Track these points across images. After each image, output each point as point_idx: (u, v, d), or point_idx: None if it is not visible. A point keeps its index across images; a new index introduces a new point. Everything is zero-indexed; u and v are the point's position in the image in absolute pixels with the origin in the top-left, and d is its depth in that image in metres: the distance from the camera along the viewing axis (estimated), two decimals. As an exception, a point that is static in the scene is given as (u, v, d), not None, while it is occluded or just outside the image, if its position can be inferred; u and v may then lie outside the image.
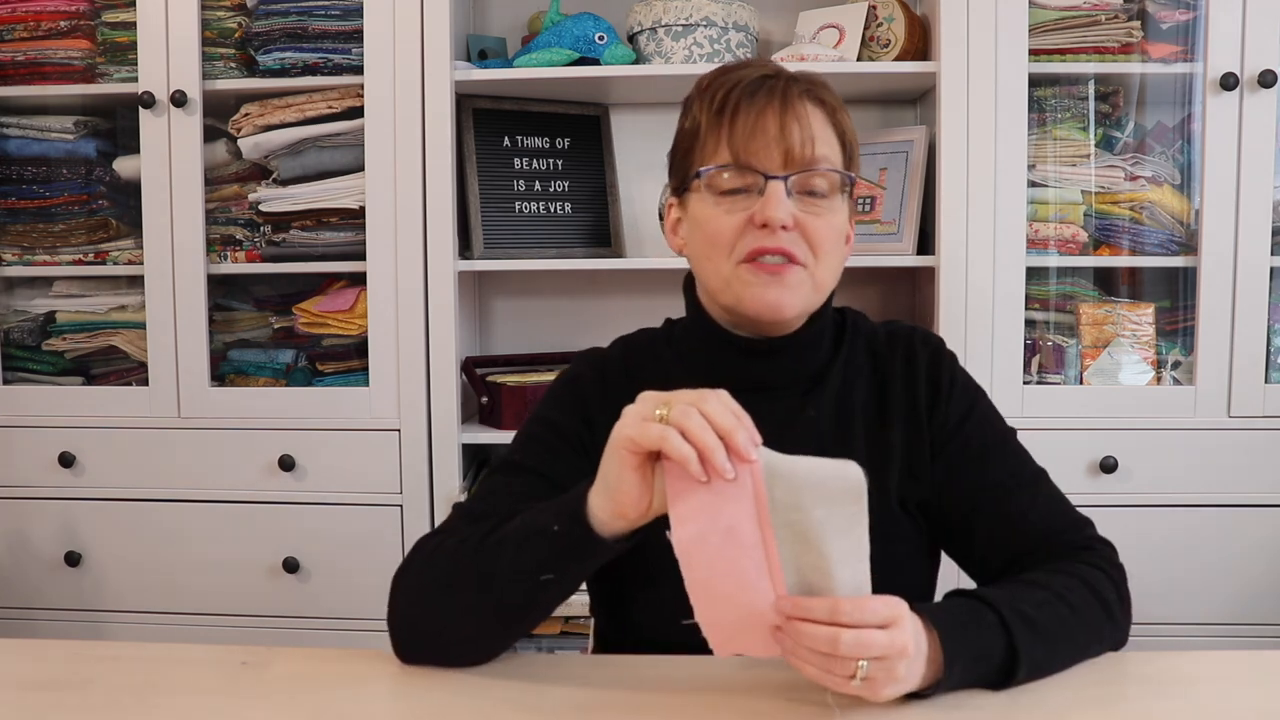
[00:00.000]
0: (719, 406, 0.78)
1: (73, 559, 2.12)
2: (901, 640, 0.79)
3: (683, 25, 2.06)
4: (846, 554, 0.79)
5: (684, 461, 0.77)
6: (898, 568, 1.05)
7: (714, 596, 0.80)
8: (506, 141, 2.22)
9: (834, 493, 0.78)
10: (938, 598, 1.20)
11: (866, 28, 2.10)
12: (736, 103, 1.01)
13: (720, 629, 0.81)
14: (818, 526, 0.78)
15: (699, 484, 0.78)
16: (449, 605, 0.93)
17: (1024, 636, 0.87)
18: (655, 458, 0.81)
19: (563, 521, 0.87)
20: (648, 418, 0.80)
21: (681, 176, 1.07)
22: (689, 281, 1.11)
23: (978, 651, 0.86)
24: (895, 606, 0.80)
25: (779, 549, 0.79)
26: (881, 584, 1.01)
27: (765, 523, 0.79)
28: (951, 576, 1.12)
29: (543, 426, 1.08)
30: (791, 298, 1.00)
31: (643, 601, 1.06)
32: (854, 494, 0.78)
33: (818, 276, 1.02)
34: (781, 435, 0.83)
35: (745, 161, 1.00)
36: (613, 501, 0.83)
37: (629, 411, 0.82)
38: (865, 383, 1.10)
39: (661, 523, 0.81)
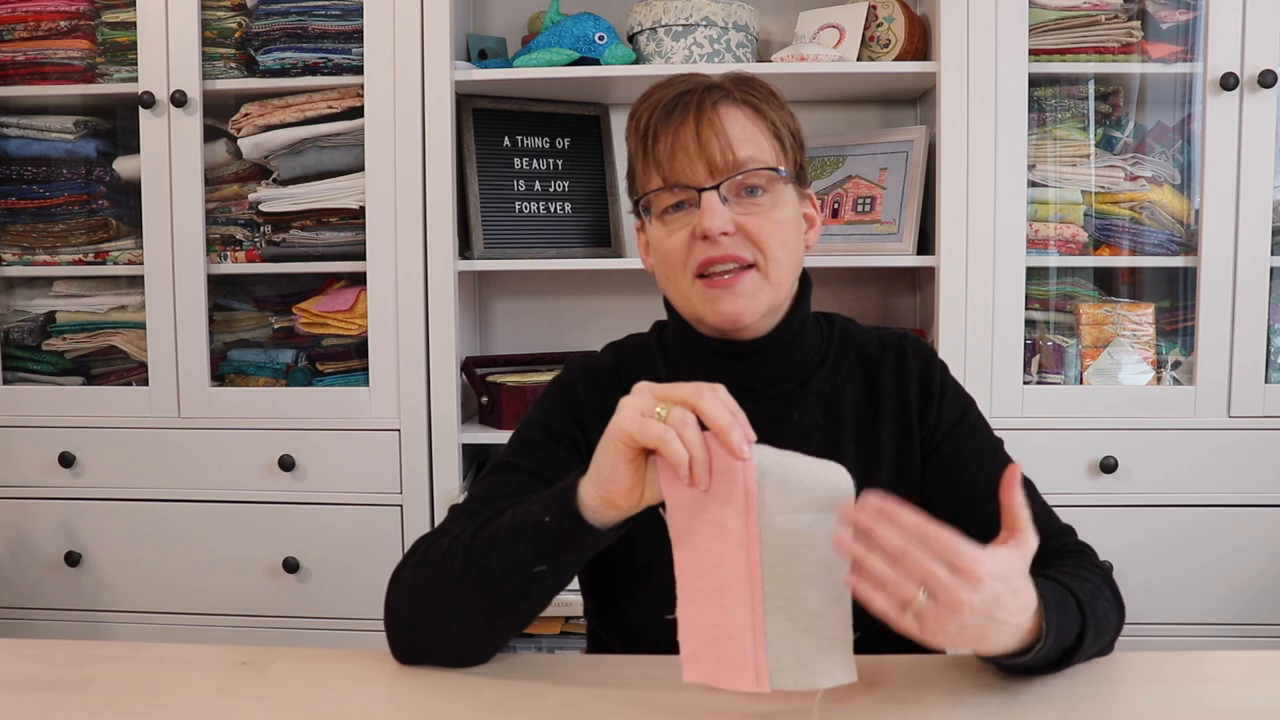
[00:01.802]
0: (716, 403, 0.80)
1: (73, 559, 2.12)
2: (967, 597, 0.74)
3: (683, 25, 2.06)
4: (830, 562, 0.79)
5: (677, 465, 0.79)
6: None
7: (694, 589, 0.81)
8: (506, 141, 2.22)
9: (822, 499, 0.79)
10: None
11: (866, 28, 2.10)
12: (655, 127, 1.04)
13: (693, 632, 0.81)
14: (804, 530, 0.79)
15: (686, 485, 0.80)
16: (443, 602, 0.93)
17: (1091, 624, 0.88)
18: (649, 452, 0.82)
19: (554, 512, 0.88)
20: (648, 414, 0.81)
21: (635, 205, 1.10)
22: None
23: (1062, 633, 0.86)
24: (991, 567, 0.75)
25: (762, 552, 0.80)
26: None
27: (752, 522, 0.79)
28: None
29: (537, 428, 1.10)
30: (749, 304, 1.02)
31: (635, 599, 1.07)
32: (842, 501, 0.79)
33: (772, 275, 1.03)
34: (769, 438, 0.84)
35: (674, 180, 1.03)
36: (604, 492, 0.85)
37: (627, 404, 0.83)
38: (856, 386, 1.11)
39: (651, 517, 0.83)
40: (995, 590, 0.76)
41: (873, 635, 0.87)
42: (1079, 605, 0.88)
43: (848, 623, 0.80)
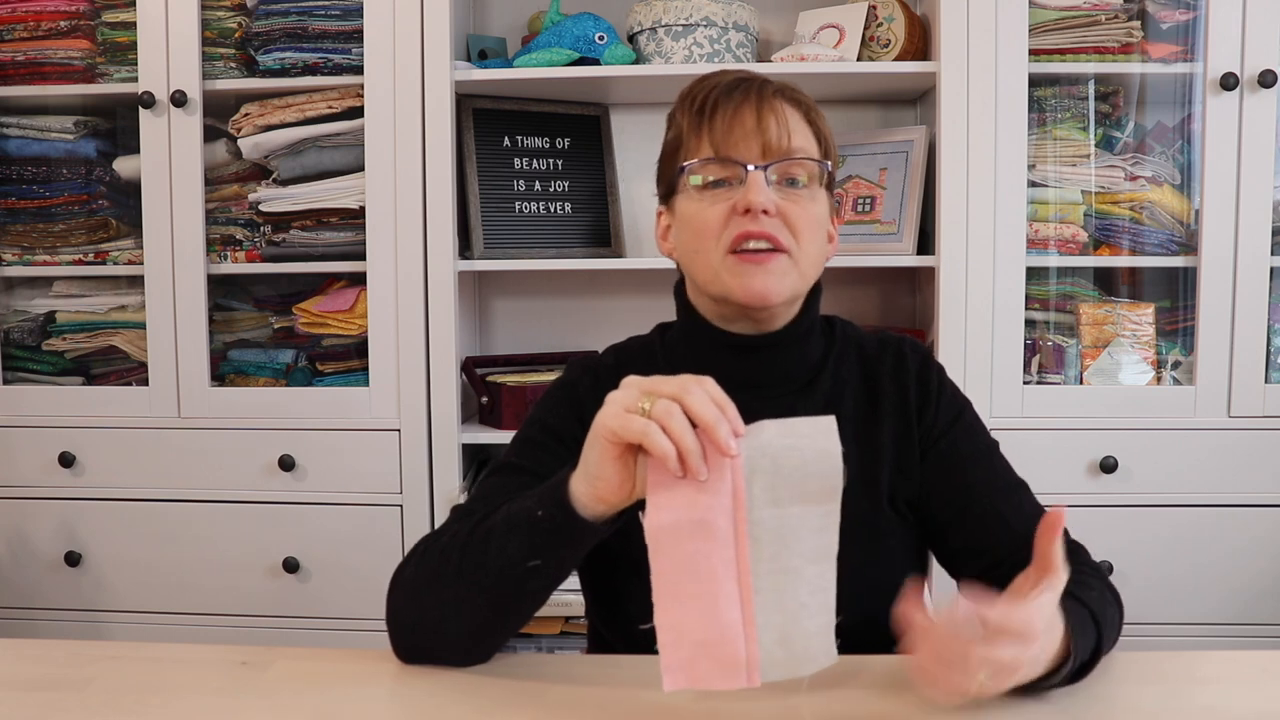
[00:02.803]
0: (703, 398, 0.79)
1: (73, 559, 2.12)
2: (1024, 657, 0.77)
3: (683, 25, 2.06)
4: (817, 554, 0.79)
5: (663, 458, 0.78)
6: (888, 563, 1.07)
7: (678, 595, 0.79)
8: (506, 141, 2.22)
9: (811, 491, 0.78)
10: (929, 597, 1.20)
11: (866, 28, 2.10)
12: (715, 102, 1.06)
13: (677, 641, 0.79)
14: (792, 523, 0.79)
15: (677, 477, 0.79)
16: (441, 600, 0.93)
17: (1106, 637, 0.89)
18: (637, 447, 0.82)
19: (546, 507, 0.88)
20: (631, 409, 0.80)
21: (669, 181, 1.11)
22: (679, 285, 1.14)
23: (1082, 650, 0.86)
24: (1040, 623, 0.78)
25: (751, 547, 0.79)
26: (872, 579, 1.01)
27: (740, 518, 0.79)
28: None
29: (539, 429, 1.10)
30: (778, 284, 1.03)
31: (634, 595, 1.07)
32: (830, 492, 0.78)
33: (801, 264, 1.05)
34: None
35: (725, 154, 1.04)
36: (593, 488, 0.85)
37: (613, 399, 0.83)
38: (856, 385, 1.12)
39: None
40: (1043, 639, 0.78)
41: (858, 630, 0.87)
42: (1093, 619, 0.88)
43: (831, 607, 0.80)
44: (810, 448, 0.79)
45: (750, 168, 1.02)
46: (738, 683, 0.78)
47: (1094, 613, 0.89)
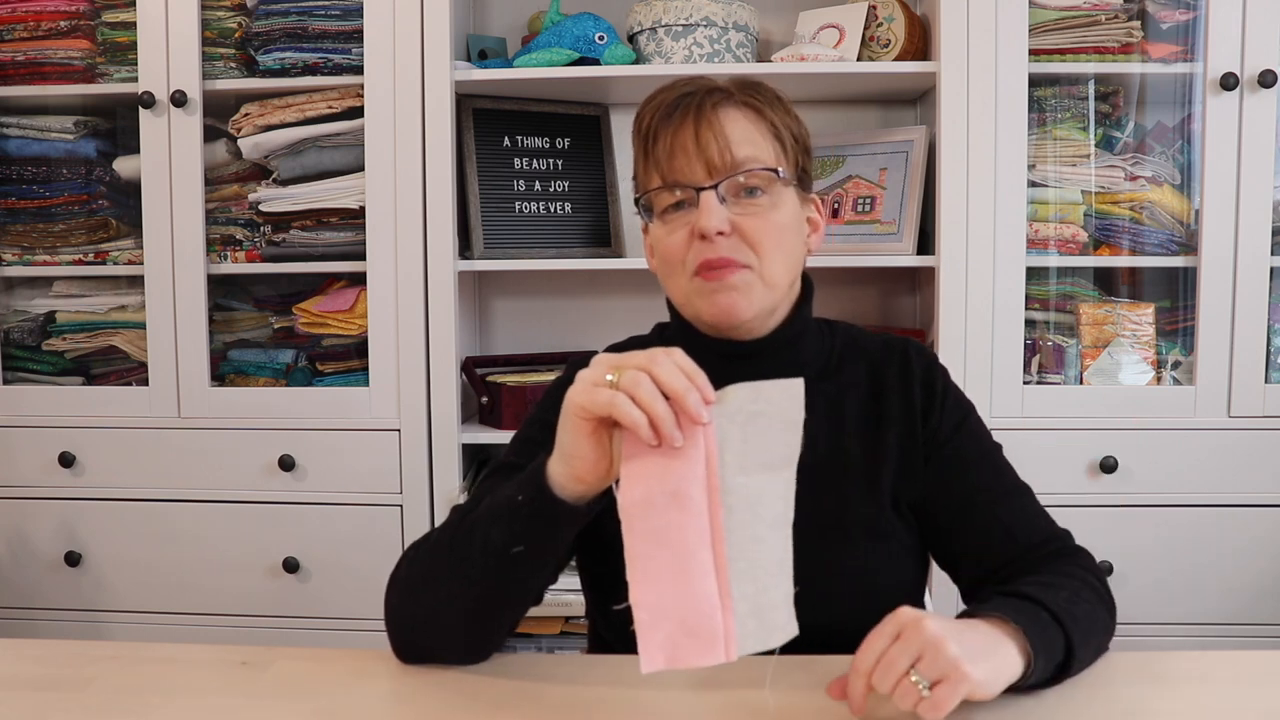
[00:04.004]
0: (671, 368, 0.79)
1: (73, 559, 2.12)
2: (928, 632, 0.78)
3: (683, 25, 2.06)
4: (778, 521, 0.80)
5: (635, 428, 0.78)
6: (890, 564, 1.07)
7: (652, 571, 0.78)
8: (506, 141, 2.22)
9: (775, 458, 0.79)
10: (929, 597, 1.20)
11: (866, 28, 2.10)
12: (656, 128, 1.05)
13: (653, 621, 0.78)
14: (760, 490, 0.79)
15: (652, 447, 0.79)
16: (436, 597, 0.94)
17: (1075, 633, 0.89)
18: (610, 423, 0.82)
19: (527, 492, 0.88)
20: (599, 383, 0.81)
21: (639, 204, 1.11)
22: None
23: (1050, 647, 0.86)
24: (891, 619, 0.80)
25: (724, 516, 0.79)
26: (873, 580, 1.01)
27: (714, 487, 0.79)
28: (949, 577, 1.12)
29: (539, 428, 1.09)
30: (743, 299, 1.03)
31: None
32: (790, 459, 0.79)
33: (766, 275, 1.03)
34: None
35: (673, 180, 1.03)
36: (569, 468, 0.85)
37: (581, 376, 0.83)
38: (860, 389, 1.12)
39: None
40: (956, 634, 0.79)
41: (859, 631, 0.87)
42: (1054, 617, 0.88)
43: (791, 576, 0.80)
44: (776, 414, 0.80)
45: (699, 190, 1.02)
46: (715, 658, 0.78)
47: (1054, 611, 0.88)
